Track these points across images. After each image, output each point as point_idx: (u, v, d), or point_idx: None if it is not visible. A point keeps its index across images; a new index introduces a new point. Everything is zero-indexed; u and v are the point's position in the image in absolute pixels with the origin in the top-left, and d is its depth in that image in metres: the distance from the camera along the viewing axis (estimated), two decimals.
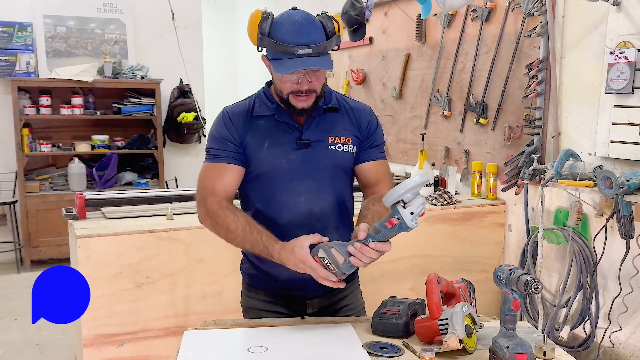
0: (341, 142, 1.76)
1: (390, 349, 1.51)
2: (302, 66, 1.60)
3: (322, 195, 1.74)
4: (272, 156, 1.72)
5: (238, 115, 1.75)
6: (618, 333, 2.76)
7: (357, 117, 1.81)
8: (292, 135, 1.73)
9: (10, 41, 5.14)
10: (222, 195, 1.70)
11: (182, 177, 5.94)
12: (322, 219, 1.74)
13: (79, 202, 2.90)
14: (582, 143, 2.89)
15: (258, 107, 1.75)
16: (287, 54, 1.59)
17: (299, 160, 1.72)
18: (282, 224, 1.71)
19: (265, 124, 1.73)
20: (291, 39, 1.59)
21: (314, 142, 1.73)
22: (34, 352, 3.54)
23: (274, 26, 1.61)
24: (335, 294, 1.84)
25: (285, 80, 1.65)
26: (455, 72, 3.69)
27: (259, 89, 1.82)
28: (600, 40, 2.75)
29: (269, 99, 1.76)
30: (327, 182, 1.75)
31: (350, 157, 1.78)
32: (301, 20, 1.62)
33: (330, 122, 1.77)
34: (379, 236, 1.47)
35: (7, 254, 5.29)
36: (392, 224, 1.45)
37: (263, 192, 1.74)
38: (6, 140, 5.22)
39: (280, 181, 1.72)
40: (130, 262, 2.67)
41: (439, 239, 3.27)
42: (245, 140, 1.72)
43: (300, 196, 1.72)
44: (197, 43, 5.90)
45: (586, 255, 2.81)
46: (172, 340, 2.69)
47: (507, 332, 1.42)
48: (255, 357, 1.47)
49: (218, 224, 1.67)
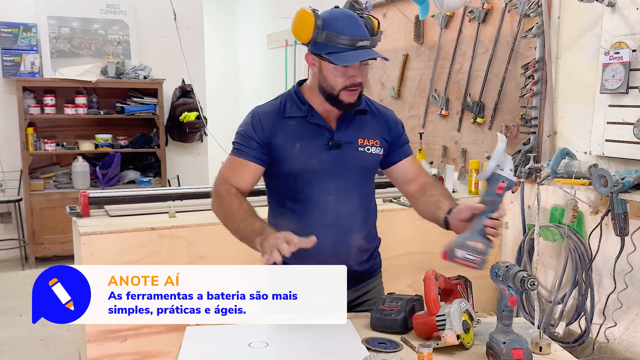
0: (370, 145, 1.80)
1: (389, 345, 1.53)
2: (365, 56, 1.63)
3: (350, 195, 1.79)
4: (304, 157, 1.75)
5: (267, 116, 1.78)
6: (613, 329, 2.79)
7: (385, 119, 1.86)
8: (324, 137, 1.76)
9: (15, 42, 5.16)
10: (234, 186, 1.75)
11: (184, 175, 5.97)
12: (349, 218, 1.79)
13: (83, 200, 2.92)
14: (577, 142, 2.92)
15: (289, 108, 1.78)
16: (347, 46, 1.62)
17: (330, 161, 1.76)
18: (311, 223, 1.75)
19: (296, 124, 1.76)
20: (351, 31, 1.62)
21: (345, 144, 1.77)
22: (38, 348, 3.58)
23: (326, 21, 1.64)
24: (360, 287, 1.87)
25: (341, 74, 1.67)
26: (453, 72, 3.72)
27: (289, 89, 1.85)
28: (595, 40, 2.78)
29: (301, 100, 1.78)
30: (355, 183, 1.80)
31: (378, 159, 1.83)
32: (352, 14, 1.66)
33: (360, 125, 1.81)
34: (496, 205, 1.53)
35: (12, 251, 5.32)
36: (502, 188, 1.52)
37: (293, 191, 1.78)
38: (11, 139, 5.25)
39: (310, 180, 1.76)
40: (133, 259, 2.69)
41: (437, 236, 3.27)
42: (275, 140, 1.75)
43: (329, 196, 1.76)
44: (198, 44, 5.92)
45: (581, 252, 2.84)
46: (175, 335, 2.71)
47: (504, 328, 1.45)
48: (256, 352, 1.50)
49: (222, 207, 1.72)
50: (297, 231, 1.76)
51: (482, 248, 1.52)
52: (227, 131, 7.78)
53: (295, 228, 1.75)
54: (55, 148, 5.33)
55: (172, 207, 3.02)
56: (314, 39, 1.65)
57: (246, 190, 1.79)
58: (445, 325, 1.48)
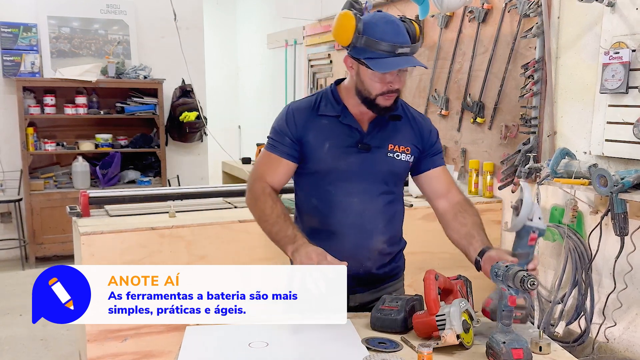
0: (400, 151, 1.79)
1: (389, 344, 1.53)
2: (404, 64, 1.63)
3: (375, 198, 1.79)
4: (332, 157, 1.76)
5: (301, 112, 1.79)
6: (612, 328, 2.79)
7: (419, 126, 1.85)
8: (354, 139, 1.76)
9: (15, 42, 5.17)
10: (268, 183, 1.78)
11: (184, 175, 5.99)
12: (372, 220, 1.79)
13: (83, 200, 2.92)
14: (577, 142, 2.92)
15: (324, 107, 1.78)
16: (387, 53, 1.62)
17: (358, 163, 1.76)
18: (333, 222, 1.77)
19: (328, 124, 1.77)
20: (391, 38, 1.62)
21: (374, 148, 1.77)
22: (38, 348, 3.59)
23: (367, 26, 1.63)
24: (379, 290, 1.87)
25: (378, 80, 1.67)
26: (453, 72, 3.72)
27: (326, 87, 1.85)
28: (595, 40, 2.78)
29: (336, 99, 1.79)
30: (381, 186, 1.80)
31: (407, 166, 1.83)
32: (394, 20, 1.66)
33: (392, 130, 1.80)
34: (530, 257, 1.52)
35: (12, 251, 5.33)
36: (534, 239, 1.52)
37: (318, 188, 1.80)
38: (11, 139, 5.26)
39: (336, 181, 1.77)
40: (133, 259, 2.70)
41: (437, 236, 3.26)
42: (306, 137, 1.76)
43: (353, 197, 1.77)
44: (198, 44, 5.93)
45: (581, 252, 2.84)
46: (175, 335, 2.71)
47: (504, 328, 1.45)
48: (256, 352, 1.50)
49: (257, 206, 1.75)
50: (319, 228, 1.79)
51: (523, 303, 1.52)
52: (227, 131, 7.82)
53: (317, 225, 1.80)
54: (56, 148, 5.34)
55: (172, 207, 3.02)
56: (353, 43, 1.65)
57: (280, 186, 1.82)
58: (445, 325, 1.48)
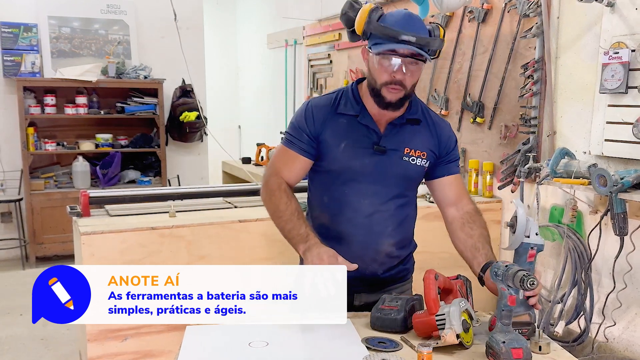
0: (415, 155, 1.79)
1: (389, 344, 1.53)
2: (398, 47, 1.63)
3: (386, 201, 1.79)
4: (347, 157, 1.76)
5: (321, 109, 1.79)
6: (612, 328, 2.80)
7: (438, 132, 1.83)
8: (370, 140, 1.76)
9: (15, 42, 5.18)
10: (284, 179, 1.79)
11: (184, 175, 5.99)
12: (381, 222, 1.79)
13: (83, 199, 2.93)
14: (576, 142, 2.92)
15: (343, 105, 1.79)
16: (390, 38, 1.63)
17: (372, 165, 1.76)
18: (342, 221, 1.78)
19: (346, 123, 1.77)
20: (397, 26, 1.63)
21: (390, 150, 1.76)
22: (39, 347, 3.59)
23: (384, 16, 1.67)
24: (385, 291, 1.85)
25: (382, 68, 1.67)
26: (453, 72, 3.72)
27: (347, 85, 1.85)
28: (594, 40, 2.79)
29: (356, 98, 1.79)
30: (394, 190, 1.80)
31: (422, 170, 1.82)
32: (412, 14, 1.68)
33: (410, 134, 1.79)
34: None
35: (12, 251, 5.33)
36: (533, 255, 1.53)
37: (331, 187, 1.80)
38: (12, 139, 5.26)
39: (349, 181, 1.77)
40: (133, 259, 2.70)
41: (437, 235, 3.26)
42: (323, 135, 1.76)
43: (365, 199, 1.77)
44: (199, 44, 5.94)
45: (581, 251, 2.85)
46: (175, 335, 2.71)
47: (503, 327, 1.45)
48: (256, 351, 1.50)
49: (272, 202, 1.76)
50: (328, 227, 1.80)
51: (529, 319, 1.53)
52: (227, 131, 7.82)
53: (326, 223, 1.80)
54: (56, 148, 5.35)
55: (172, 206, 3.02)
56: (364, 32, 1.68)
57: (295, 182, 1.83)
58: (445, 324, 1.49)
